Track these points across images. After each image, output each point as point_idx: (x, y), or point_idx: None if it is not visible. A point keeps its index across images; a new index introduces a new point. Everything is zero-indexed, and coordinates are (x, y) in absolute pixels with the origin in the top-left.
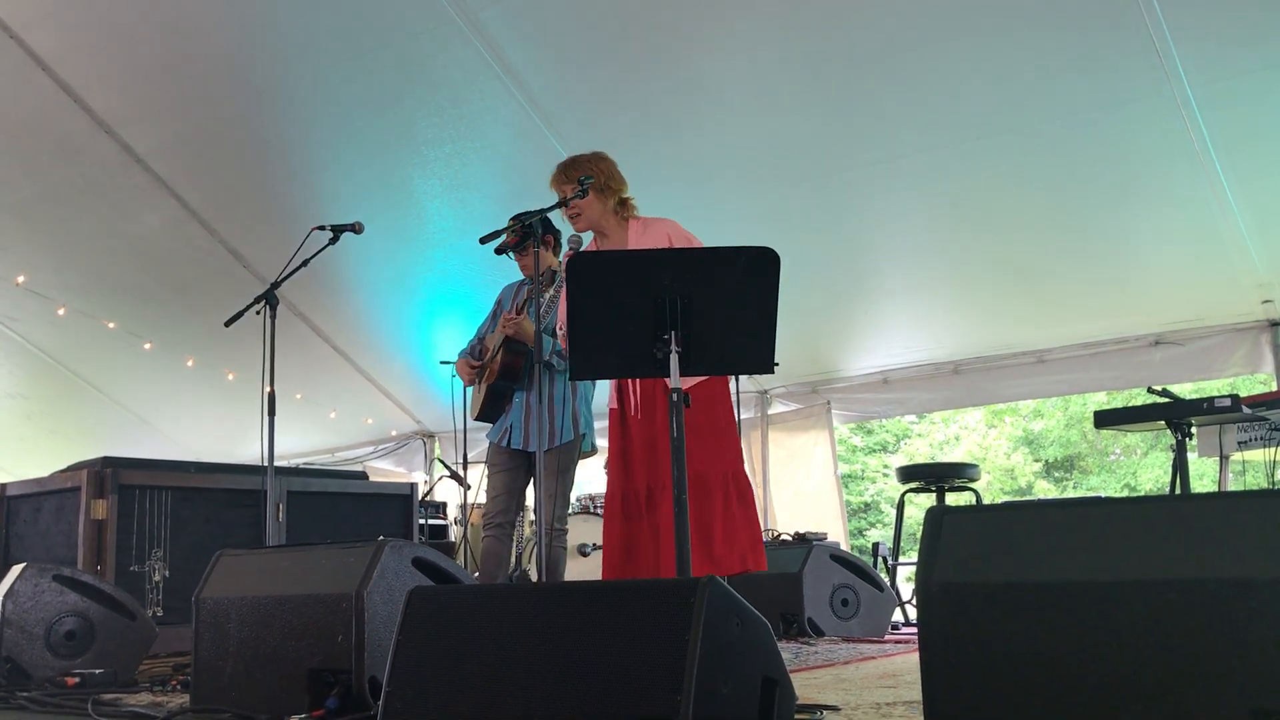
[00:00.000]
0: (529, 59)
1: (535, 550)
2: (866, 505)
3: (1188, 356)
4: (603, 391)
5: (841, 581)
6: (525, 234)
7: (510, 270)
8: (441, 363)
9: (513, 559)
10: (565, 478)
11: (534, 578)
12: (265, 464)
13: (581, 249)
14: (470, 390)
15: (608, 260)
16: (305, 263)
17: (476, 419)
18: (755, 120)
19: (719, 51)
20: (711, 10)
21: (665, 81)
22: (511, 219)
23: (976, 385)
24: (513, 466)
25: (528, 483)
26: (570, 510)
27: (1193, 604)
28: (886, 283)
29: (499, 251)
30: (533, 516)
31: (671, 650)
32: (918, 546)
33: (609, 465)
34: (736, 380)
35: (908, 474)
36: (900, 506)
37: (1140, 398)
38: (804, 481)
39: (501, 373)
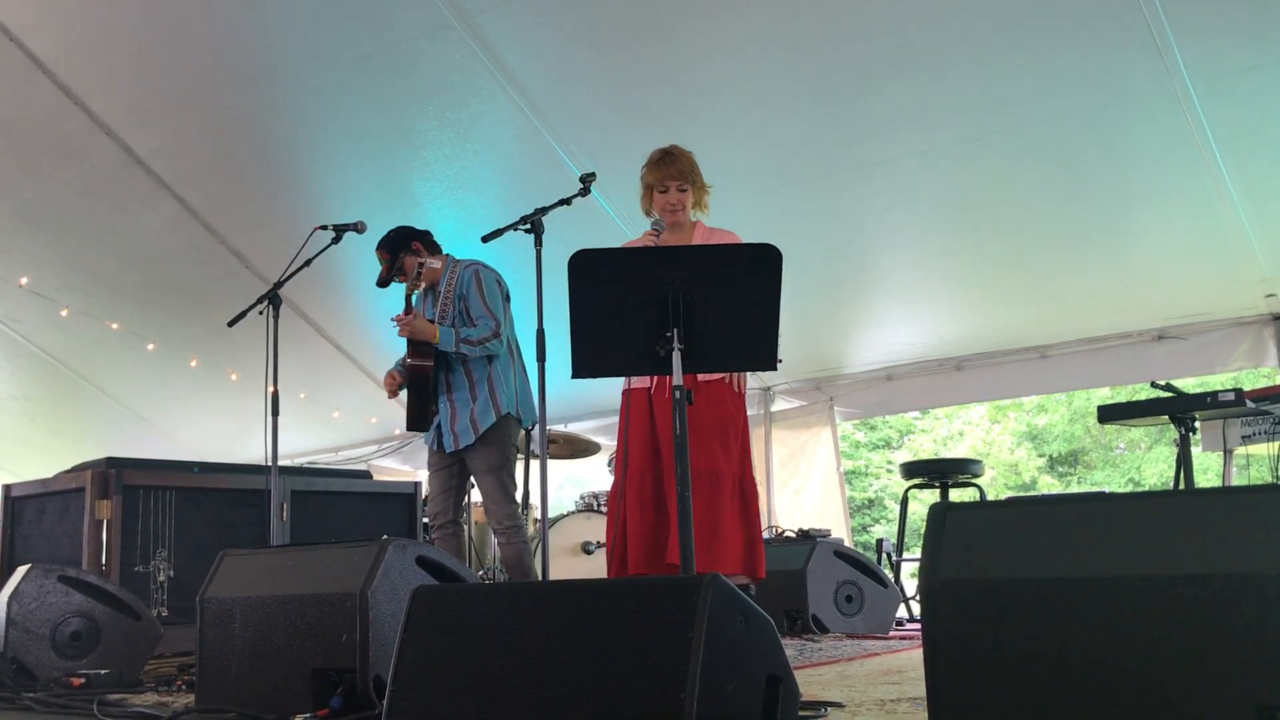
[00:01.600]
0: (527, 62)
1: (499, 550)
2: (870, 501)
3: (1191, 351)
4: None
5: (845, 578)
6: (392, 258)
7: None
8: None
9: (492, 557)
10: (502, 474)
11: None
12: (269, 464)
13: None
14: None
15: (611, 257)
16: (308, 262)
17: (410, 429)
18: (756, 120)
19: (718, 53)
20: (710, 12)
21: (663, 83)
22: (378, 249)
23: (979, 381)
24: (445, 466)
25: (464, 480)
26: (573, 508)
27: (1197, 599)
28: (888, 279)
29: (381, 285)
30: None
31: (675, 647)
32: (921, 543)
33: (630, 446)
34: (742, 380)
35: (911, 470)
36: (904, 503)
37: (1144, 392)
38: (807, 478)
39: (413, 379)
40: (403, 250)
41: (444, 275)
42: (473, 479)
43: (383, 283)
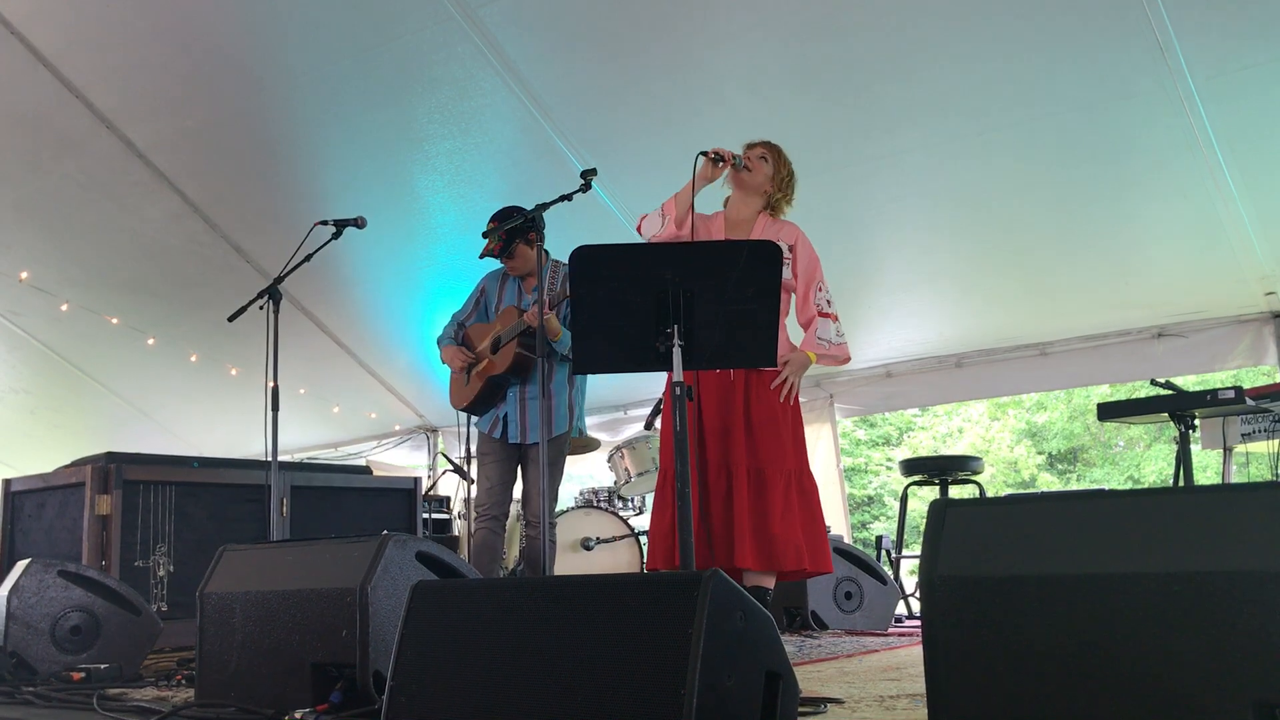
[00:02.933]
0: (528, 55)
1: (525, 543)
2: (870, 498)
3: (1191, 348)
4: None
5: (845, 575)
6: (510, 238)
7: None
8: None
9: (507, 553)
10: (554, 470)
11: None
12: (269, 459)
13: (735, 161)
14: (449, 376)
15: (612, 253)
16: (308, 258)
17: (465, 409)
18: (756, 115)
19: (719, 47)
20: (712, 5)
21: (665, 77)
22: (492, 220)
23: (979, 378)
24: (504, 458)
25: (517, 475)
26: (572, 504)
27: (1196, 597)
28: (889, 276)
29: (484, 256)
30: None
31: (675, 643)
32: (921, 539)
33: (667, 444)
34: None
35: (911, 467)
36: (903, 500)
37: (1143, 390)
38: None
39: (512, 367)
40: (519, 236)
41: (545, 271)
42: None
43: (486, 253)
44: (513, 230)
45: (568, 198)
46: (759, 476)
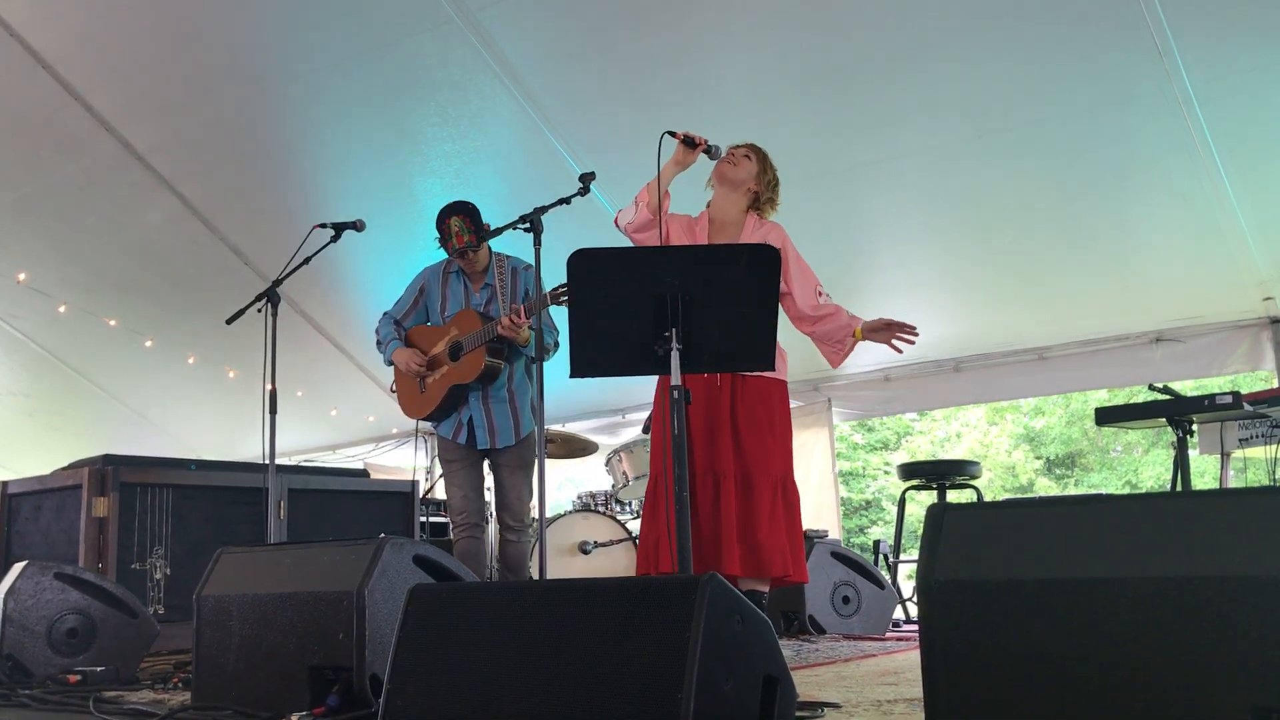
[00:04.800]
0: (528, 58)
1: (504, 547)
2: (868, 503)
3: (1189, 354)
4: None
5: (843, 579)
6: (478, 234)
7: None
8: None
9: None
10: (529, 472)
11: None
12: (266, 461)
13: (715, 150)
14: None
15: (611, 256)
16: (307, 260)
17: (425, 419)
18: (755, 119)
19: (719, 50)
20: (711, 9)
21: (664, 80)
22: (457, 214)
23: (978, 382)
24: (472, 463)
25: (484, 480)
26: (570, 508)
27: (1194, 601)
28: (887, 280)
29: (458, 253)
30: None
31: (673, 647)
32: (919, 544)
33: (658, 442)
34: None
35: (909, 471)
36: (901, 504)
37: (1141, 395)
38: (804, 479)
39: (482, 376)
40: (481, 233)
41: (491, 267)
42: (493, 476)
43: (457, 252)
44: (477, 224)
45: (566, 201)
46: (746, 482)
